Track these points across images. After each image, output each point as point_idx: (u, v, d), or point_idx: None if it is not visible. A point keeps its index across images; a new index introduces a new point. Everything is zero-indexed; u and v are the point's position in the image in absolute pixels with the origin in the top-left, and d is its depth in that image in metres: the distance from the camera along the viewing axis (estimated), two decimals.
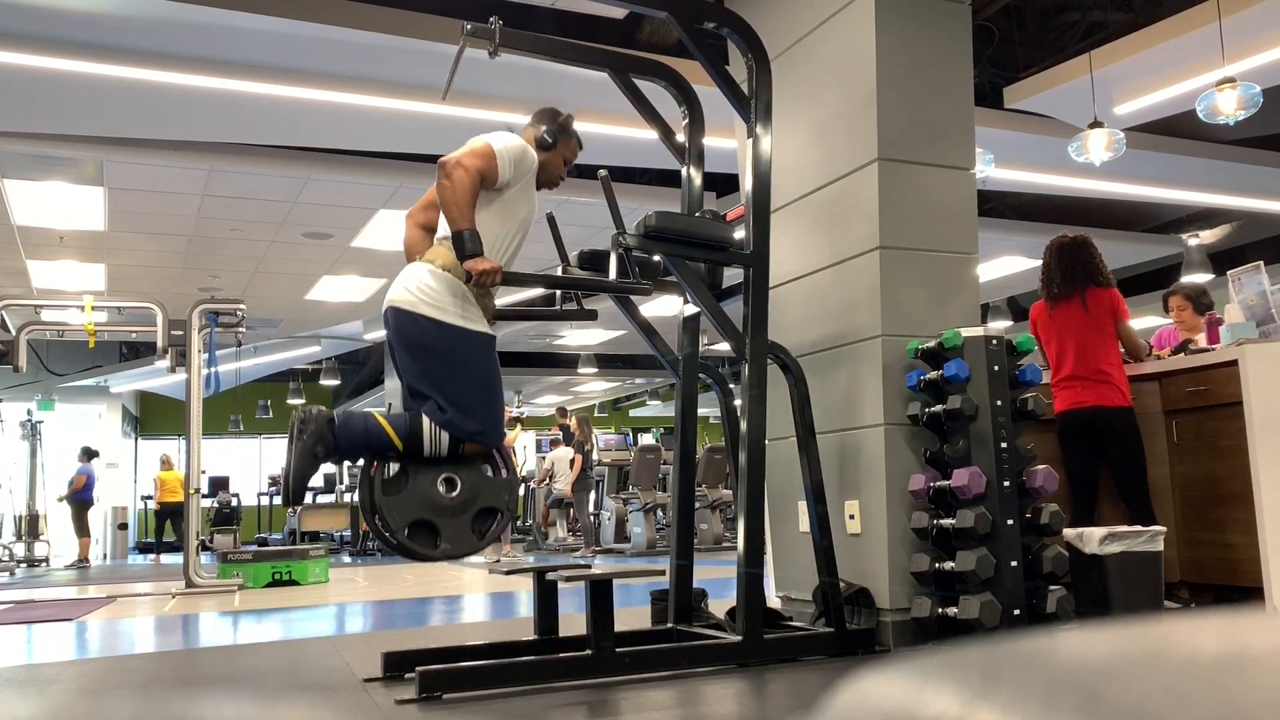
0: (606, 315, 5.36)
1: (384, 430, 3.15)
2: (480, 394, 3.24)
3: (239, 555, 8.27)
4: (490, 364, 3.31)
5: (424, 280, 3.23)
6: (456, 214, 3.11)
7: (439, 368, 3.21)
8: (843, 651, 3.52)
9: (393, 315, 3.27)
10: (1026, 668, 0.32)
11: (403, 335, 3.24)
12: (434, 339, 3.20)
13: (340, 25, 5.41)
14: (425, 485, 3.19)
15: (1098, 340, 4.30)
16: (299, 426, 3.13)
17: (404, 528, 3.16)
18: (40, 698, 0.36)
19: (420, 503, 3.18)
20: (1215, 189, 9.04)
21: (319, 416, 3.15)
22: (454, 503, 3.21)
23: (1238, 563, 4.01)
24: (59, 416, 15.55)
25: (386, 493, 3.18)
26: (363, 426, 3.18)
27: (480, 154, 3.20)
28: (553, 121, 3.53)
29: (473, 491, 3.25)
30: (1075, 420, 4.32)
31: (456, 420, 3.18)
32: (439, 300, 3.20)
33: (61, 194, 7.84)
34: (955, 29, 4.14)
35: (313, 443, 3.11)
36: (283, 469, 3.16)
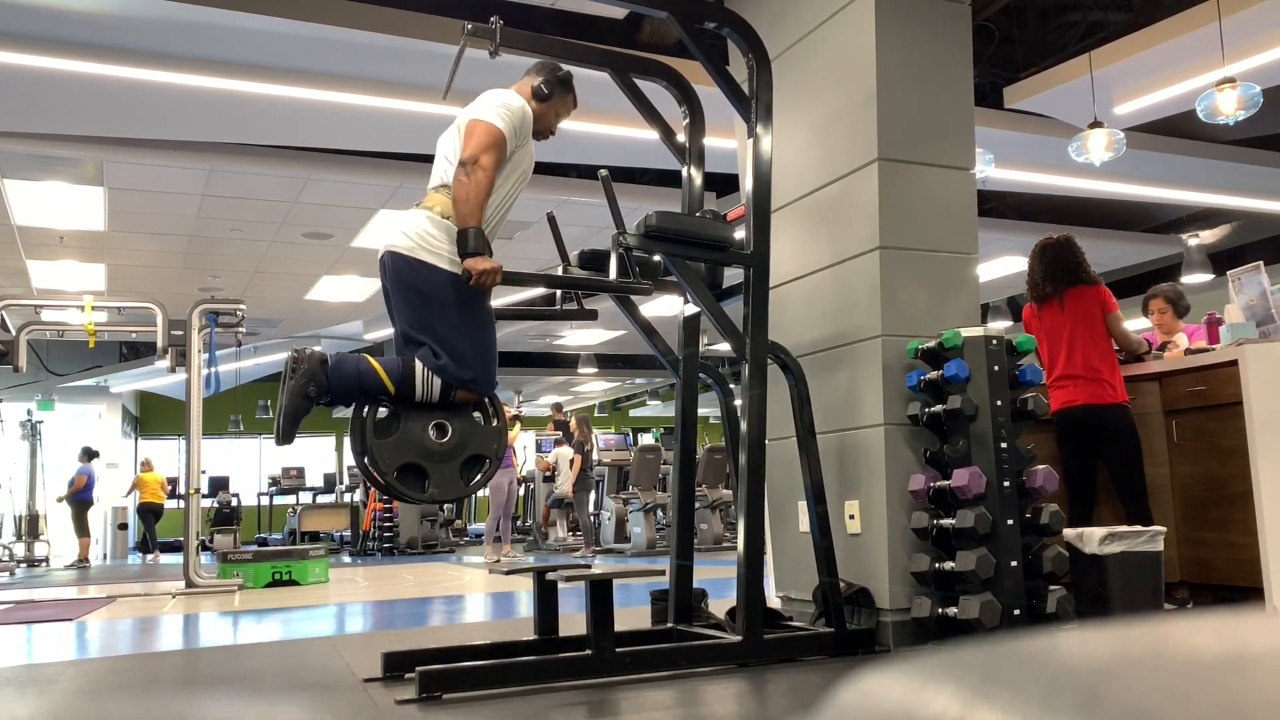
0: (606, 315, 5.35)
1: (376, 373, 3.16)
2: (475, 341, 3.25)
3: (239, 555, 8.27)
4: (485, 312, 3.32)
5: (423, 226, 3.24)
6: (468, 211, 3.13)
7: (435, 314, 3.21)
8: (843, 651, 3.52)
9: (390, 259, 3.27)
10: (1026, 668, 0.32)
11: (400, 280, 3.25)
12: (431, 285, 3.20)
13: (340, 25, 5.41)
14: (416, 430, 3.21)
15: (1087, 338, 4.29)
16: (292, 366, 3.14)
17: (393, 470, 3.18)
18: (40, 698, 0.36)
19: (411, 446, 3.20)
20: (1215, 189, 9.04)
21: (312, 357, 3.16)
22: (444, 448, 3.23)
23: (1237, 563, 4.01)
24: (59, 416, 15.55)
25: (378, 434, 3.20)
26: (355, 368, 3.19)
27: (495, 146, 3.22)
28: (551, 74, 3.53)
29: (463, 438, 3.26)
30: (1068, 419, 4.31)
31: (450, 367, 3.19)
32: (438, 246, 3.21)
33: (61, 194, 7.84)
34: (955, 29, 4.14)
35: (305, 382, 3.11)
36: (276, 408, 3.17)
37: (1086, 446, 4.31)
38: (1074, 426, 4.31)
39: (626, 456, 12.54)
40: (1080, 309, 4.32)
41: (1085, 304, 4.32)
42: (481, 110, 3.29)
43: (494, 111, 3.28)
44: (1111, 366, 4.29)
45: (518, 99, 3.37)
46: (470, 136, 3.23)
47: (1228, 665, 0.30)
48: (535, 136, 3.52)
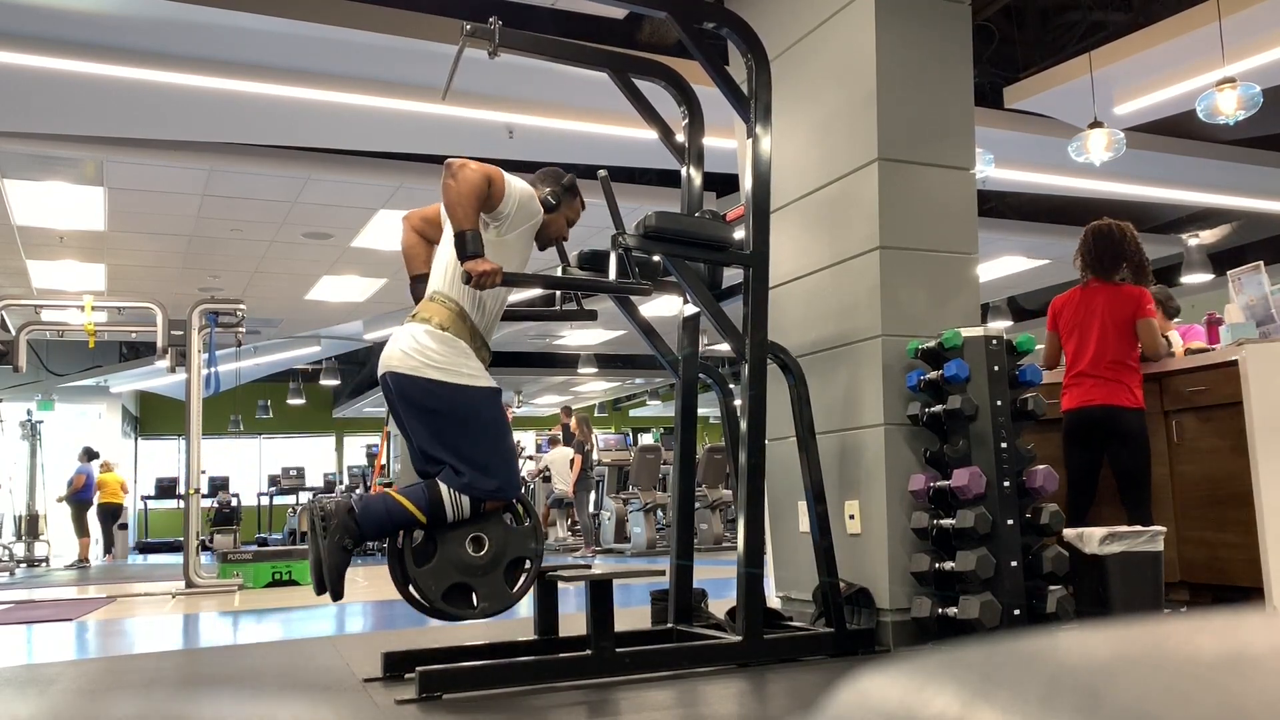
0: (606, 315, 5.35)
1: (405, 508, 3.13)
2: (494, 449, 3.23)
3: (239, 555, 8.27)
4: (499, 417, 3.30)
5: (423, 342, 3.20)
6: (460, 214, 3.06)
7: (450, 429, 3.19)
8: (843, 651, 3.52)
9: (394, 380, 3.23)
10: (1026, 668, 0.32)
11: (408, 400, 3.22)
12: (442, 401, 3.18)
13: (340, 25, 5.41)
14: (454, 549, 3.19)
15: (1118, 337, 4.17)
16: (322, 524, 3.11)
17: (439, 595, 3.16)
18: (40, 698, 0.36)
19: (452, 567, 3.18)
20: (1215, 189, 9.04)
21: (339, 509, 3.14)
22: (484, 560, 3.21)
23: (1238, 563, 4.00)
24: (59, 416, 15.54)
25: (418, 563, 3.17)
26: (384, 508, 3.16)
27: (489, 169, 3.16)
28: (556, 183, 3.49)
29: (501, 546, 3.25)
30: (1084, 418, 4.22)
31: (475, 481, 3.17)
32: (440, 361, 3.17)
33: (61, 194, 7.84)
34: (955, 29, 4.14)
35: (339, 536, 3.10)
36: (312, 565, 3.14)
37: (1095, 446, 4.23)
38: (1088, 425, 4.21)
39: (626, 456, 12.54)
40: (1115, 306, 4.20)
41: (1121, 303, 4.20)
42: None
43: None
44: (1134, 370, 4.19)
45: (526, 184, 3.33)
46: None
47: (1228, 665, 0.30)
48: (550, 243, 3.51)
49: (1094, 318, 4.23)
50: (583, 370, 16.98)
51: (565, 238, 3.57)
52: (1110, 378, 4.16)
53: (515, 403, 19.52)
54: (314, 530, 3.12)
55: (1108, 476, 4.31)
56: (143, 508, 18.44)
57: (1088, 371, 4.21)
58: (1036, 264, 11.29)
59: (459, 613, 3.20)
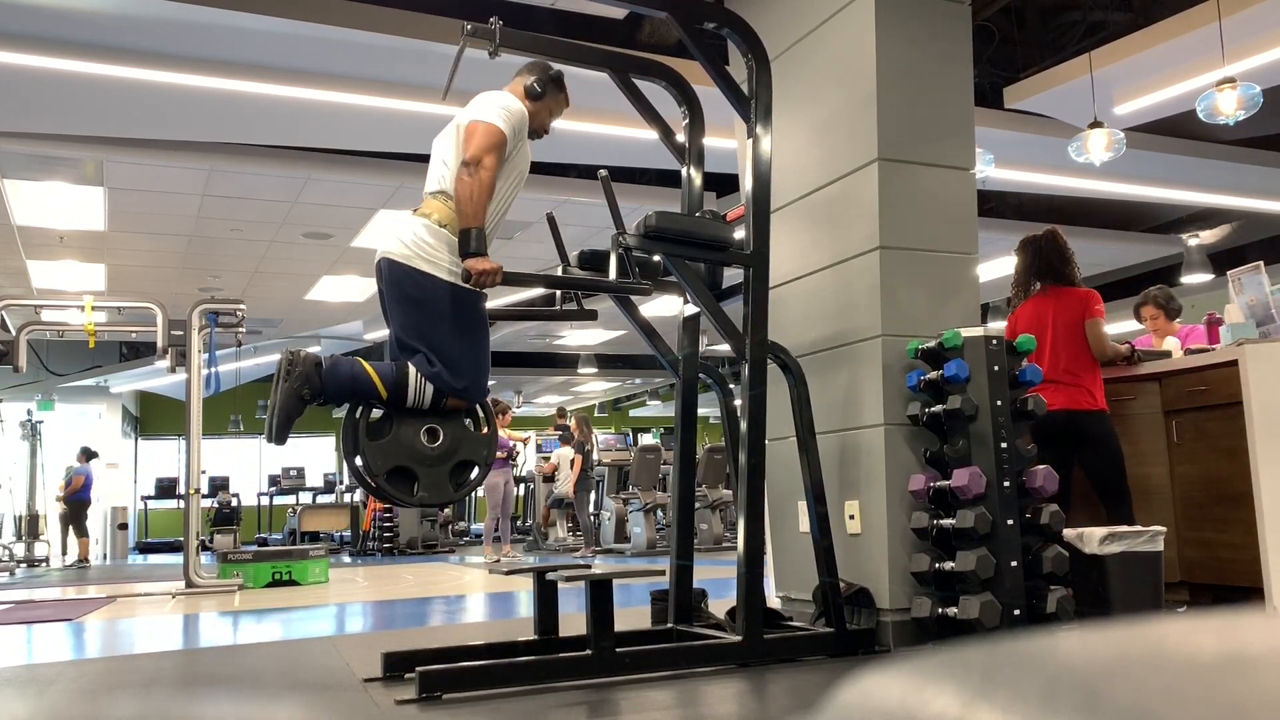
0: (606, 315, 5.35)
1: (370, 378, 3.18)
2: (468, 351, 3.27)
3: (239, 555, 8.27)
4: (480, 321, 3.34)
5: (421, 234, 3.25)
6: (471, 211, 3.14)
7: (430, 322, 3.23)
8: (843, 651, 3.52)
9: (386, 266, 3.29)
10: (1026, 668, 0.32)
11: (396, 287, 3.26)
12: (427, 293, 3.22)
13: (340, 25, 5.41)
14: (408, 434, 3.24)
15: (1068, 341, 4.20)
16: (286, 368, 3.15)
17: (384, 472, 3.21)
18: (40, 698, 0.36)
19: (402, 451, 3.23)
20: (1215, 189, 9.04)
21: (307, 359, 3.17)
22: (435, 453, 3.26)
23: (1238, 563, 4.01)
24: (59, 416, 15.54)
25: (370, 437, 3.22)
26: (349, 373, 3.20)
27: (497, 146, 3.23)
28: (543, 73, 3.53)
29: (454, 444, 3.30)
30: (1046, 423, 4.17)
31: (444, 375, 3.21)
32: (435, 255, 3.22)
33: (61, 194, 7.84)
34: (955, 29, 4.14)
35: (299, 384, 3.14)
36: (268, 407, 3.18)
37: (1063, 451, 4.21)
38: (1052, 430, 4.18)
39: (626, 456, 12.54)
40: (1063, 311, 4.23)
41: (1068, 306, 4.23)
42: (481, 111, 3.30)
43: (494, 113, 3.28)
44: (1092, 372, 4.21)
45: (515, 100, 3.38)
46: (471, 137, 3.24)
47: (1228, 665, 0.30)
48: (530, 136, 3.52)
49: (1047, 324, 4.28)
50: (583, 370, 16.98)
51: (546, 131, 3.60)
52: (1069, 382, 4.19)
53: (515, 403, 19.51)
54: (277, 375, 3.15)
55: (1081, 481, 4.29)
56: (143, 508, 18.43)
57: (1047, 377, 4.22)
58: None
59: (398, 495, 3.25)
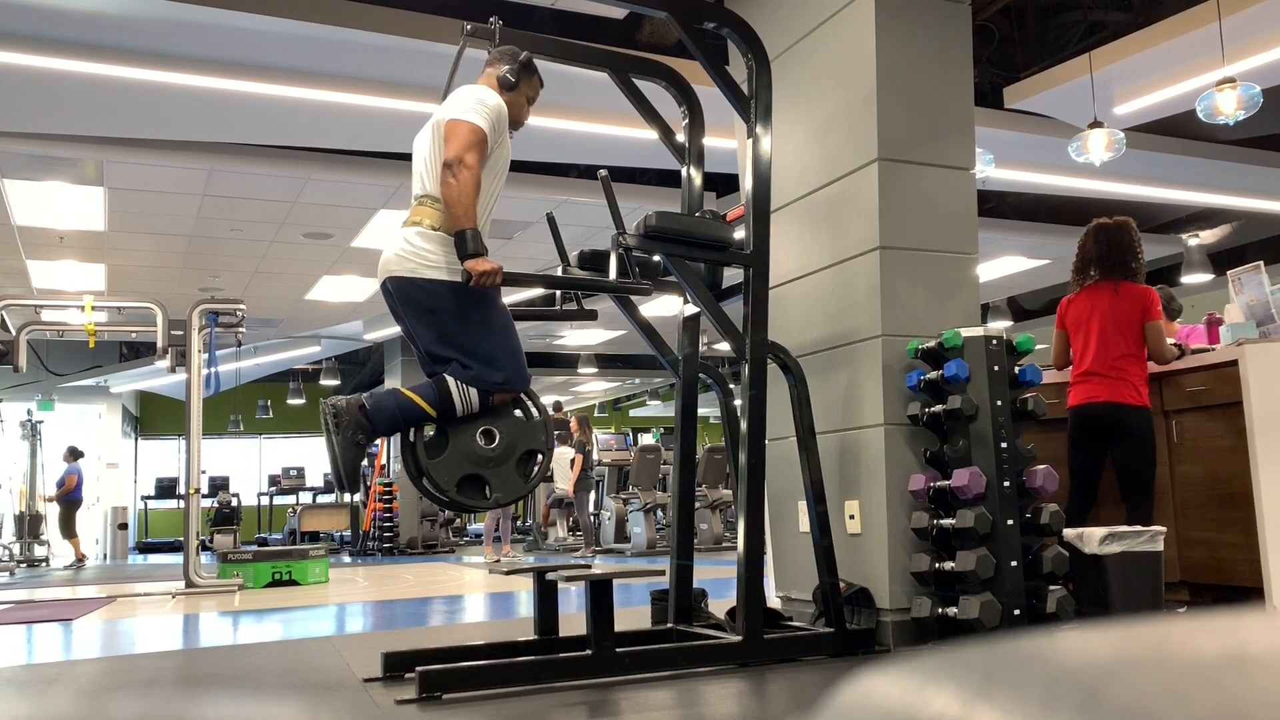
0: (606, 315, 5.35)
1: (414, 402, 3.18)
2: (499, 341, 3.27)
3: (239, 555, 8.27)
4: (500, 310, 3.33)
5: (416, 243, 3.23)
6: (461, 213, 3.11)
7: (452, 325, 3.22)
8: (843, 651, 3.52)
9: (393, 285, 3.27)
10: (1026, 668, 0.32)
11: (410, 303, 3.25)
12: (442, 299, 3.21)
13: (340, 25, 5.41)
14: (466, 441, 3.25)
15: (1119, 336, 4.15)
16: (334, 420, 3.15)
17: (454, 485, 3.23)
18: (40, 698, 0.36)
19: (465, 459, 3.24)
20: (1215, 189, 9.04)
21: (350, 406, 3.18)
22: (496, 453, 3.28)
23: (1238, 563, 4.01)
24: (59, 416, 15.54)
25: (430, 456, 3.23)
26: (394, 404, 3.21)
27: (478, 144, 3.19)
28: (513, 60, 3.43)
29: (512, 438, 3.31)
30: (1087, 415, 4.20)
31: (481, 373, 3.21)
32: (435, 259, 3.20)
33: (61, 194, 7.83)
34: (955, 29, 4.14)
35: (352, 432, 3.15)
36: (330, 462, 3.19)
37: (1099, 444, 4.21)
38: (1092, 422, 4.19)
39: (626, 456, 12.53)
40: (1121, 306, 4.17)
41: (1126, 302, 4.17)
42: (458, 109, 3.23)
43: (472, 109, 3.22)
44: (1139, 368, 4.17)
45: (493, 95, 3.32)
46: (451, 138, 3.18)
47: (1228, 665, 0.30)
48: (513, 126, 3.48)
49: (1097, 316, 4.22)
50: (583, 370, 16.98)
51: (523, 121, 3.55)
52: (1114, 376, 4.14)
53: None
54: (328, 428, 3.16)
55: (1110, 479, 4.30)
56: (143, 508, 18.43)
57: (1092, 370, 4.20)
58: (1036, 264, 11.29)
59: (474, 502, 3.28)
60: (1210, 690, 0.28)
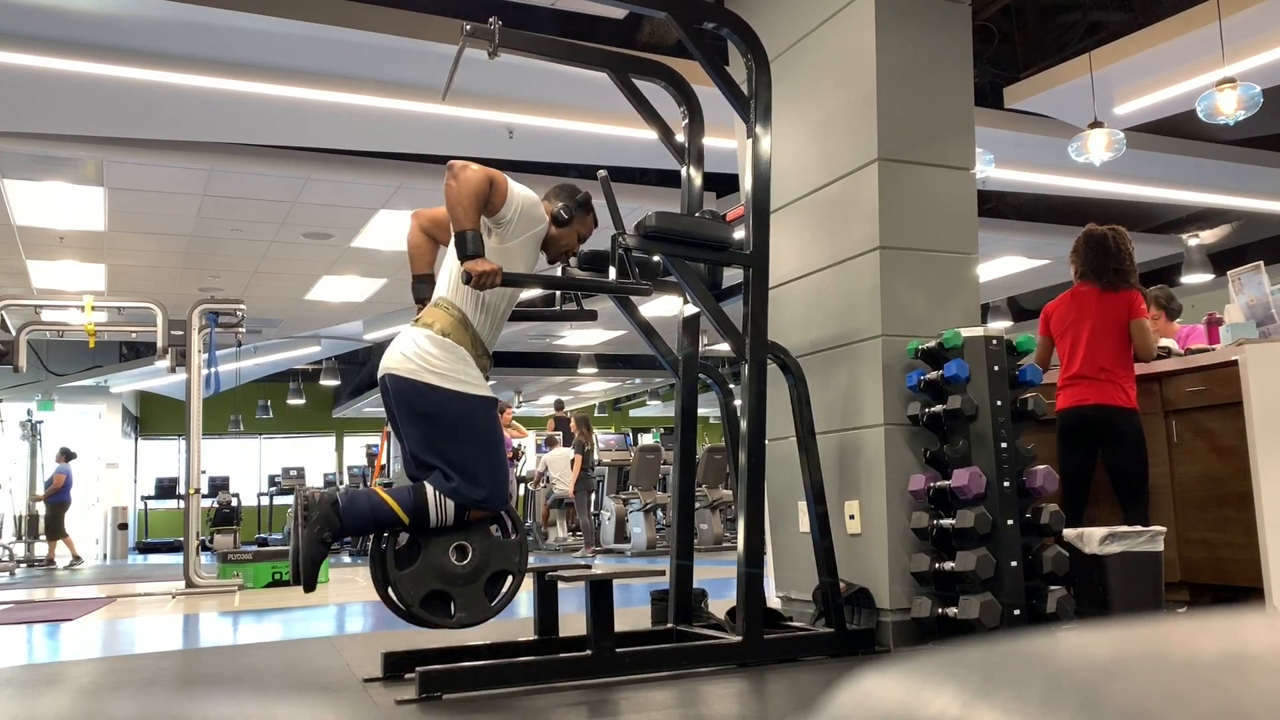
0: (606, 315, 5.35)
1: (389, 506, 3.13)
2: (485, 459, 3.22)
3: (239, 555, 8.27)
4: (493, 427, 3.30)
5: (423, 346, 3.20)
6: (460, 213, 3.06)
7: (442, 435, 3.19)
8: (843, 652, 3.52)
9: (392, 382, 3.23)
10: (1026, 668, 0.32)
11: (405, 403, 3.22)
12: (437, 407, 3.18)
13: (340, 25, 5.41)
14: (437, 555, 3.18)
15: (1106, 339, 4.20)
16: (304, 512, 3.12)
17: (417, 600, 3.16)
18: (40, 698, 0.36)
19: (433, 573, 3.17)
20: (1215, 189, 9.04)
21: (323, 501, 3.14)
22: (466, 570, 3.21)
23: (1238, 563, 4.01)
24: (59, 416, 15.54)
25: (400, 567, 3.17)
26: (368, 505, 3.16)
27: (492, 172, 3.16)
28: (570, 198, 3.46)
29: (484, 557, 3.24)
30: (1075, 418, 4.25)
31: (463, 488, 3.16)
32: (439, 367, 3.18)
33: (61, 194, 7.84)
34: (955, 29, 4.14)
35: (319, 529, 3.10)
36: (290, 553, 3.16)
37: (1089, 446, 4.25)
38: (1081, 424, 4.23)
39: (626, 456, 12.53)
40: (1107, 308, 4.22)
41: (1113, 304, 4.22)
42: None
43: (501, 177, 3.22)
44: (1128, 371, 4.21)
45: (533, 197, 3.32)
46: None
47: (1228, 665, 0.30)
48: (555, 260, 3.51)
49: (1086, 320, 4.26)
50: (583, 370, 16.98)
51: (575, 253, 3.56)
52: (1103, 379, 4.19)
53: (515, 402, 19.50)
54: (296, 520, 3.14)
55: (1103, 480, 4.32)
56: (143, 508, 18.43)
57: (1081, 373, 4.24)
58: (1036, 264, 11.29)
59: (435, 620, 3.19)
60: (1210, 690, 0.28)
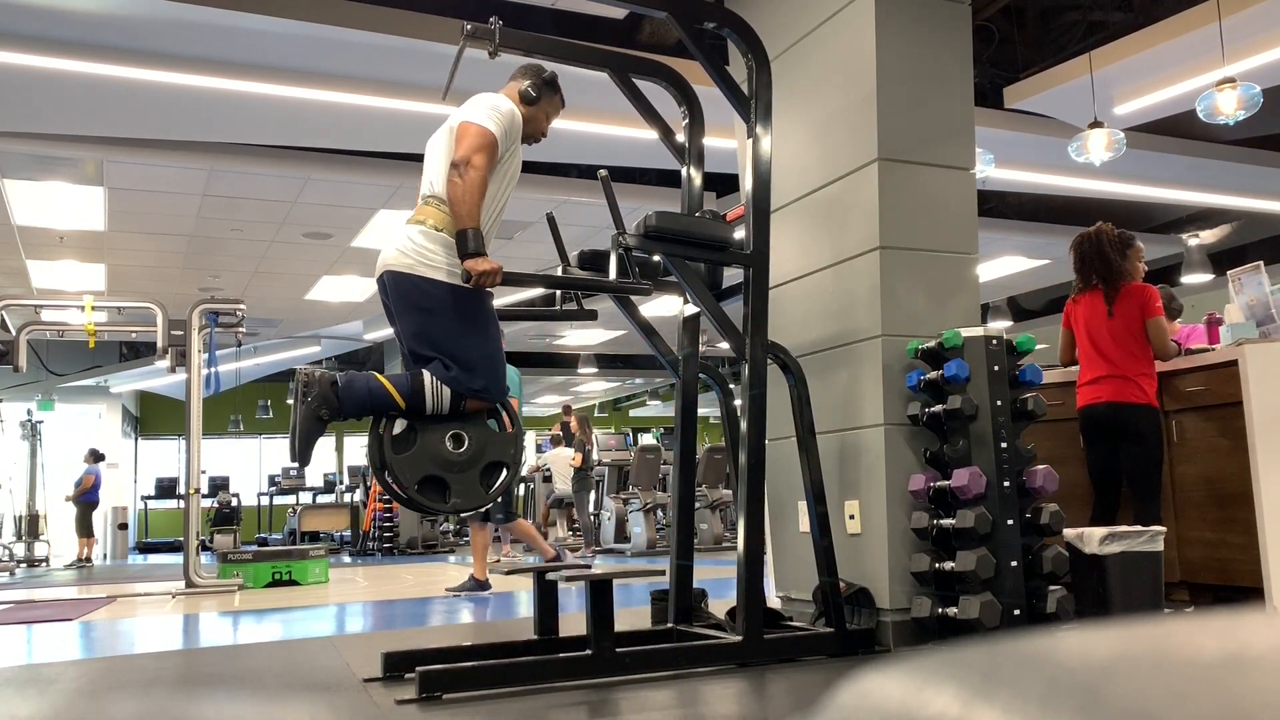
0: (606, 315, 5.35)
1: (386, 390, 3.18)
2: (481, 350, 3.27)
3: (239, 555, 8.27)
4: (489, 319, 3.33)
5: (418, 241, 3.25)
6: (465, 212, 3.13)
7: (439, 327, 3.23)
8: (843, 651, 3.52)
9: (389, 278, 3.28)
10: (1026, 668, 0.32)
11: (403, 298, 3.26)
12: (433, 299, 3.22)
13: (340, 25, 5.41)
14: (434, 442, 3.24)
15: (1126, 335, 4.16)
16: (302, 390, 3.15)
17: (414, 484, 3.21)
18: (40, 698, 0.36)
19: (429, 459, 3.23)
20: (1215, 189, 9.04)
21: (322, 379, 3.18)
22: (462, 458, 3.26)
23: (1238, 563, 4.01)
24: (59, 416, 15.54)
25: (396, 450, 3.22)
26: (365, 387, 3.21)
27: (487, 147, 3.22)
28: (537, 76, 3.52)
29: (480, 446, 3.30)
30: (1092, 417, 4.22)
31: (460, 377, 3.21)
32: (435, 259, 3.22)
33: (61, 194, 7.84)
34: (955, 29, 4.14)
35: (317, 405, 3.15)
36: (290, 428, 3.19)
37: (1108, 445, 4.22)
38: (1097, 423, 4.21)
39: (626, 456, 12.53)
40: (1120, 306, 4.18)
41: (1126, 302, 4.18)
42: (472, 113, 3.29)
43: (485, 114, 3.28)
44: (1145, 368, 4.16)
45: (507, 102, 3.37)
46: (462, 139, 3.23)
47: (1228, 665, 0.30)
48: (526, 140, 3.52)
49: (1100, 317, 4.24)
50: (583, 370, 16.98)
51: (544, 135, 3.59)
52: (1119, 375, 4.16)
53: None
54: (295, 397, 3.16)
55: None
56: (143, 508, 18.43)
57: (1096, 371, 4.22)
58: (1036, 264, 11.30)
59: (431, 504, 3.25)
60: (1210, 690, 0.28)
